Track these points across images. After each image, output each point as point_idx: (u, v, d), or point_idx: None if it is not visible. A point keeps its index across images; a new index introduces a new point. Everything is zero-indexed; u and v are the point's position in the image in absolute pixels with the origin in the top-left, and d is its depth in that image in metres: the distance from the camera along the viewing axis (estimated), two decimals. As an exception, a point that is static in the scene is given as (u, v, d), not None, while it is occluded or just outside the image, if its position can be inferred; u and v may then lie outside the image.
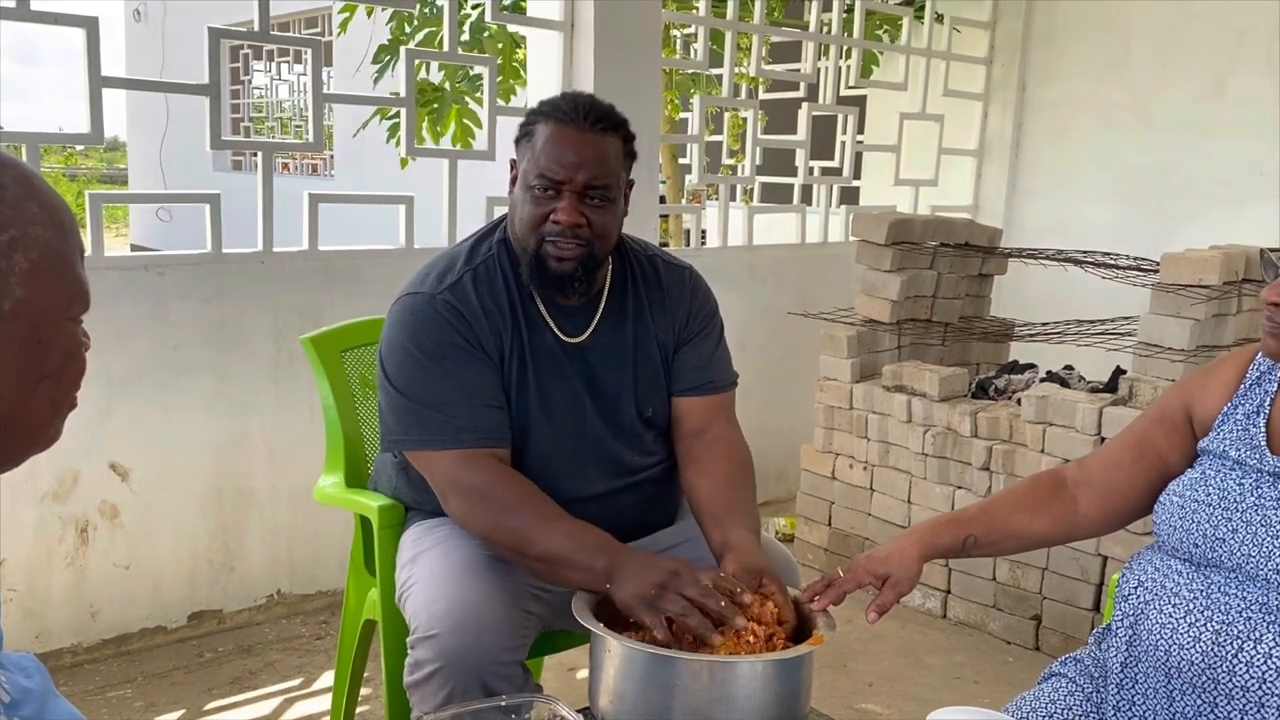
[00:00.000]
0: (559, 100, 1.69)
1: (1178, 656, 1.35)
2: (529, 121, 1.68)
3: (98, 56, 2.62)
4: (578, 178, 1.62)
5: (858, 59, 4.48)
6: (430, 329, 1.66)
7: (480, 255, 1.73)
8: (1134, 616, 1.42)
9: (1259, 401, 1.44)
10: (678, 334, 1.82)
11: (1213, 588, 1.35)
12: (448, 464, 1.63)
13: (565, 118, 1.64)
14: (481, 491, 1.61)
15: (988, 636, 3.08)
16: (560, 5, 3.44)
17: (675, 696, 1.34)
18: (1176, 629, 1.35)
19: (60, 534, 2.70)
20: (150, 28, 12.30)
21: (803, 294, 3.99)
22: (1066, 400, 2.92)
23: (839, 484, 3.48)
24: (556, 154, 1.62)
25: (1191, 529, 1.39)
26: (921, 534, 1.57)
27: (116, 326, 2.68)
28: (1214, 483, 1.40)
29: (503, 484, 1.62)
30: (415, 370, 1.65)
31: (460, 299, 1.67)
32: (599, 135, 1.64)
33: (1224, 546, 1.35)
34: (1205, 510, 1.38)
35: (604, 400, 1.75)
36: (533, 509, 1.59)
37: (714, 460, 1.77)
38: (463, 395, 1.64)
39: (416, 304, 1.68)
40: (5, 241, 0.78)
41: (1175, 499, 1.43)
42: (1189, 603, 1.36)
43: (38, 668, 0.90)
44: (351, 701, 2.21)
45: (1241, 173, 4.09)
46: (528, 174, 1.65)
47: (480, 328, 1.67)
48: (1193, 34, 4.21)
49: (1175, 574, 1.40)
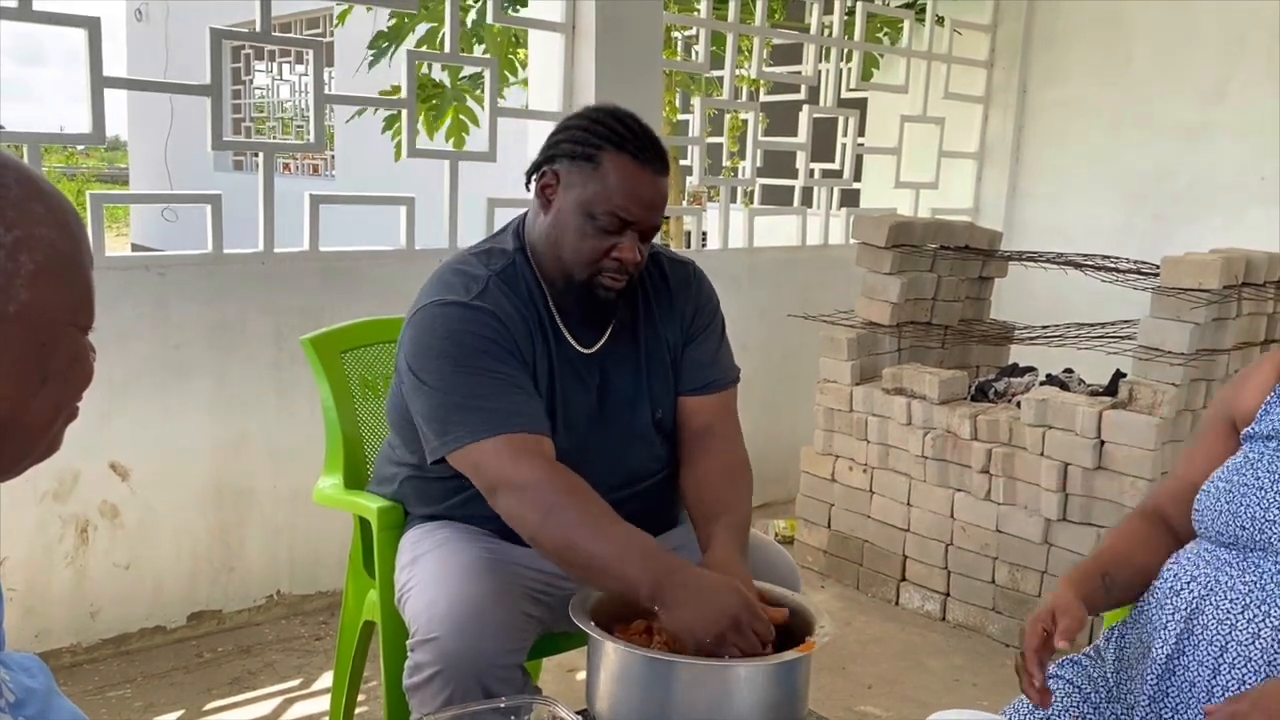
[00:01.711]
0: (625, 129, 1.61)
1: (1234, 652, 1.34)
2: (588, 143, 1.61)
3: (99, 56, 2.62)
4: (649, 220, 1.62)
5: (858, 61, 4.48)
6: (467, 331, 1.61)
7: (500, 264, 1.69)
8: (1186, 612, 1.41)
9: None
10: (685, 330, 1.81)
11: (1265, 578, 1.35)
12: (495, 457, 1.55)
13: (641, 156, 1.59)
14: (532, 487, 1.54)
15: (987, 639, 3.08)
16: (561, 6, 3.45)
17: (672, 699, 1.35)
18: (1234, 625, 1.35)
19: (60, 534, 2.70)
20: (152, 28, 12.31)
21: (803, 296, 3.99)
22: (1066, 403, 2.92)
23: (839, 486, 3.48)
24: (633, 195, 1.59)
25: (1239, 512, 1.38)
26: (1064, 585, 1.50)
27: (117, 327, 2.68)
28: (1262, 465, 1.40)
29: (553, 480, 1.55)
30: (451, 369, 1.60)
31: (495, 306, 1.63)
32: (664, 177, 1.64)
33: (1274, 529, 1.35)
34: (1255, 493, 1.38)
35: (620, 408, 1.75)
36: (581, 509, 1.53)
37: (711, 461, 1.77)
38: (503, 387, 1.59)
39: (450, 311, 1.63)
40: (10, 242, 0.77)
41: (1221, 484, 1.43)
42: (1244, 596, 1.36)
43: (40, 668, 0.90)
44: (350, 703, 2.21)
45: (1242, 176, 4.09)
46: (591, 203, 1.60)
47: (518, 334, 1.64)
48: (1194, 38, 4.21)
49: (1226, 565, 1.39)
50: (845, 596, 3.37)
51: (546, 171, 1.65)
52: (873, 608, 3.29)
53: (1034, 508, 2.98)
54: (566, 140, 1.63)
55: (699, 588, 1.44)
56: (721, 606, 1.41)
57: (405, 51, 3.32)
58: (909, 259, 3.49)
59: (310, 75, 3.53)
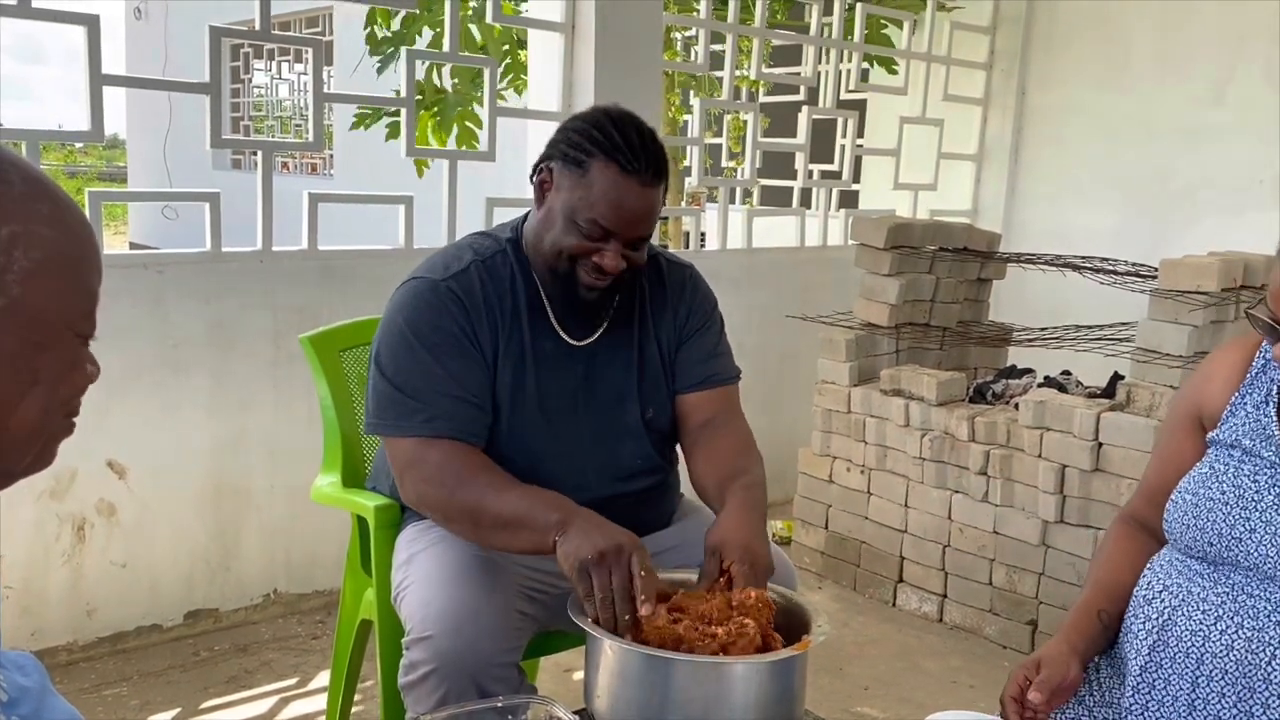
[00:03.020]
0: (619, 137, 1.59)
1: (1210, 665, 1.33)
2: (581, 147, 1.61)
3: (98, 54, 2.62)
4: (632, 233, 1.62)
5: (858, 62, 4.48)
6: (429, 314, 1.66)
7: (490, 250, 1.73)
8: (1158, 622, 1.40)
9: (1266, 390, 1.42)
10: (678, 332, 1.82)
11: (1237, 590, 1.33)
12: (410, 448, 1.63)
13: (629, 167, 1.58)
14: (435, 467, 1.61)
15: (984, 641, 3.09)
16: (561, 6, 3.45)
17: (671, 696, 1.34)
18: (1208, 636, 1.34)
19: (57, 532, 2.70)
20: (151, 26, 12.30)
21: (801, 297, 3.99)
22: (1064, 405, 2.93)
23: (836, 487, 3.48)
24: (616, 206, 1.59)
25: (1206, 528, 1.36)
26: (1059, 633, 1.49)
27: (115, 325, 2.67)
28: (1226, 479, 1.37)
29: (457, 460, 1.61)
30: (406, 354, 1.65)
31: (464, 288, 1.67)
32: (655, 187, 1.62)
33: (1240, 546, 1.33)
34: (1221, 509, 1.35)
35: (606, 403, 1.75)
36: (485, 478, 1.59)
37: (718, 440, 1.78)
38: (446, 387, 1.63)
39: (420, 288, 1.68)
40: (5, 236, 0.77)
41: (1188, 496, 1.40)
42: (1217, 608, 1.34)
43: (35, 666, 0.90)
44: (347, 701, 2.21)
45: (1241, 179, 4.09)
46: (575, 209, 1.60)
47: (479, 320, 1.67)
48: (1193, 40, 4.22)
49: (1199, 576, 1.38)
50: (842, 598, 3.37)
51: (544, 168, 1.67)
52: (870, 609, 3.29)
53: (1031, 509, 2.98)
54: (564, 141, 1.65)
55: (603, 522, 1.48)
56: (612, 534, 1.45)
57: (405, 51, 3.31)
58: (908, 260, 3.49)
59: (309, 74, 3.53)
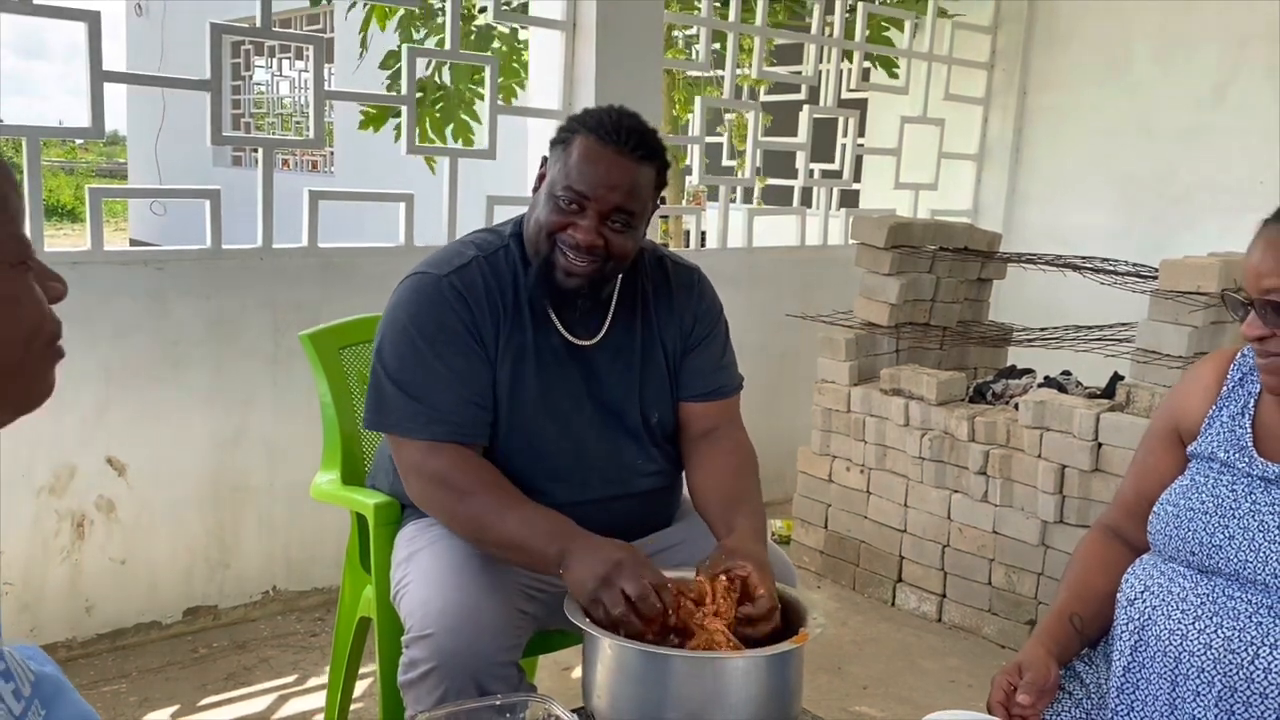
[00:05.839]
0: (603, 114, 1.64)
1: (1187, 664, 1.35)
2: (568, 128, 1.65)
3: (99, 51, 2.62)
4: (606, 199, 1.61)
5: (859, 62, 4.48)
6: (432, 309, 1.66)
7: (493, 246, 1.74)
8: (1139, 622, 1.42)
9: (1243, 403, 1.46)
10: (684, 339, 1.82)
11: (1218, 592, 1.36)
12: (414, 451, 1.65)
13: (606, 136, 1.61)
14: (440, 477, 1.63)
15: (983, 640, 3.09)
16: (562, 5, 3.44)
17: (668, 694, 1.35)
18: (1186, 635, 1.36)
19: (56, 528, 2.69)
20: (151, 22, 12.29)
21: (801, 296, 3.99)
22: (1064, 405, 2.93)
23: (836, 487, 3.48)
24: (589, 171, 1.60)
25: (1188, 537, 1.40)
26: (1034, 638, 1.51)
27: (115, 321, 2.67)
28: (1206, 489, 1.41)
29: (461, 469, 1.63)
30: (409, 352, 1.66)
31: (466, 284, 1.68)
32: (635, 161, 1.62)
33: (1221, 553, 1.36)
34: (1201, 518, 1.39)
35: (609, 404, 1.75)
36: (489, 495, 1.61)
37: (719, 455, 1.79)
38: (448, 387, 1.64)
39: (423, 283, 1.69)
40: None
41: (1170, 508, 1.44)
42: (1196, 609, 1.36)
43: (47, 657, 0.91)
44: (346, 699, 2.21)
45: (1241, 180, 4.09)
46: (555, 182, 1.63)
47: (481, 316, 1.67)
48: (1194, 41, 4.22)
49: (1180, 579, 1.40)
50: (841, 597, 3.38)
51: (542, 159, 1.71)
52: (869, 608, 3.29)
53: (1031, 509, 2.98)
54: (558, 130, 1.69)
55: (596, 546, 1.50)
56: (606, 555, 1.46)
57: (405, 48, 3.32)
58: (908, 260, 3.49)
59: (310, 71, 3.53)
